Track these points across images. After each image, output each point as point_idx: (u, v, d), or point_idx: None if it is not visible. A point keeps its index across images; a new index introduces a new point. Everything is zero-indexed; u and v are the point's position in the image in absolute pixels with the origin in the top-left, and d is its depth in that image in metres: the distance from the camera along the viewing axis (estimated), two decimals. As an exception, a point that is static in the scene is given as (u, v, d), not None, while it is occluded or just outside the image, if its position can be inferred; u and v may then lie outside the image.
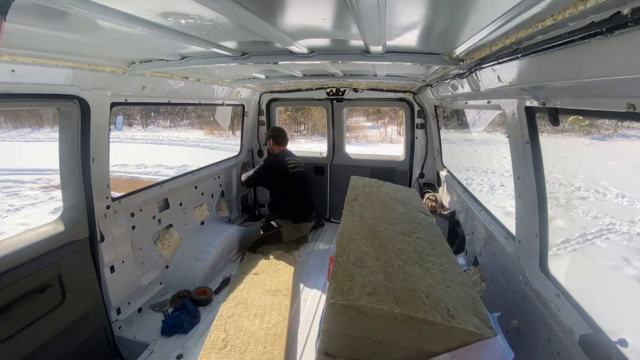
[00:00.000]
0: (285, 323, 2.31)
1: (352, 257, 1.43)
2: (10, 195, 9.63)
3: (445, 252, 1.62)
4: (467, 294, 1.28)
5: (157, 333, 2.30)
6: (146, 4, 1.01)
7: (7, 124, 22.09)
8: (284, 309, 2.46)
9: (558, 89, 1.19)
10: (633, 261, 5.58)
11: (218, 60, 1.82)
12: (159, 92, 2.52)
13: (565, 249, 5.99)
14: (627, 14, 0.65)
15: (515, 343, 1.36)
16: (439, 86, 2.66)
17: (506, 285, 1.81)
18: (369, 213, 1.94)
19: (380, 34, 1.29)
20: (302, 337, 2.32)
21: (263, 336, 2.17)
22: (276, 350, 2.06)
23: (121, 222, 2.38)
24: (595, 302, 4.18)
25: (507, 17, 0.94)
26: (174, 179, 3.15)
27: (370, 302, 1.13)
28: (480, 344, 1.07)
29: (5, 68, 1.44)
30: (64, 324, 1.93)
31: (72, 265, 1.99)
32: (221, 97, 3.49)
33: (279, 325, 2.28)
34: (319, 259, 3.41)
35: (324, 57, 1.76)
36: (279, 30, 1.30)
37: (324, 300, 1.85)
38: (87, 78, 1.85)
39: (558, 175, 9.71)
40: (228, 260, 3.33)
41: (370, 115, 22.49)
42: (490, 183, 10.02)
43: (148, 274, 2.66)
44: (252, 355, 2.02)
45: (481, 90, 1.75)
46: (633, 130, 13.02)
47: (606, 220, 6.99)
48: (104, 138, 2.12)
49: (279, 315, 2.38)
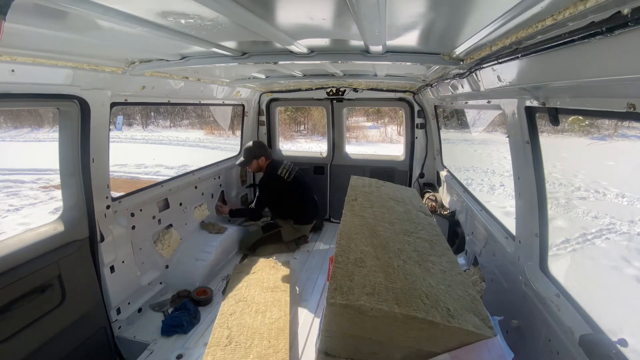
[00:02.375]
0: (286, 318, 2.34)
1: (352, 257, 1.43)
2: (10, 195, 9.63)
3: (445, 252, 1.62)
4: (467, 293, 1.28)
5: (157, 333, 2.30)
6: (146, 4, 1.01)
7: (7, 124, 22.09)
8: (284, 304, 2.49)
9: (558, 89, 1.19)
10: (633, 261, 5.59)
11: (218, 60, 1.82)
12: (159, 92, 2.52)
13: (565, 249, 5.99)
14: (627, 13, 0.65)
15: (515, 343, 1.36)
16: (439, 86, 2.66)
17: (506, 285, 1.81)
18: (369, 213, 1.94)
19: (380, 33, 1.29)
20: (303, 336, 2.32)
21: (266, 331, 2.19)
22: (281, 344, 2.09)
23: (121, 222, 2.37)
24: (595, 302, 4.17)
25: (507, 17, 0.94)
26: (174, 179, 3.15)
27: (370, 302, 1.13)
28: (480, 344, 1.07)
29: (5, 68, 1.44)
30: (64, 324, 1.93)
31: (72, 265, 1.99)
32: (221, 97, 3.48)
33: (280, 320, 2.30)
34: (319, 259, 3.41)
35: (324, 57, 1.76)
36: (278, 30, 1.30)
37: (324, 300, 1.85)
38: (87, 78, 1.85)
39: (558, 175, 9.71)
40: (228, 260, 3.33)
41: (370, 115, 22.49)
42: (490, 183, 10.02)
43: (148, 274, 2.66)
44: (257, 350, 2.04)
45: (481, 90, 1.75)
46: (633, 130, 13.02)
47: (606, 220, 6.99)
48: (104, 138, 2.12)
49: (280, 311, 2.40)
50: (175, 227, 3.06)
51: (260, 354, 2.00)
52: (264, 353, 2.01)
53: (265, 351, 2.03)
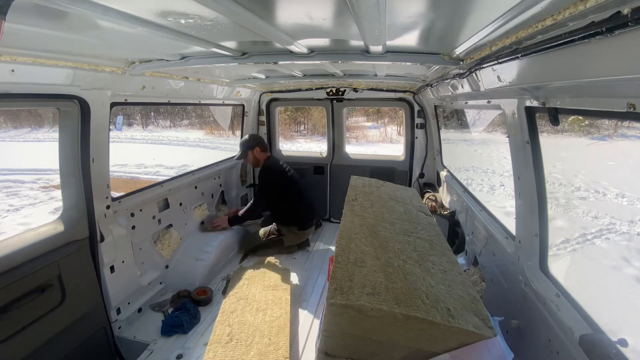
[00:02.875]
0: (287, 316, 2.35)
1: (352, 257, 1.43)
2: (10, 195, 9.64)
3: (445, 252, 1.62)
4: (467, 293, 1.28)
5: (157, 333, 2.30)
6: (146, 4, 1.01)
7: (6, 124, 22.10)
8: (285, 302, 2.50)
9: (558, 89, 1.19)
10: (633, 261, 5.59)
11: (218, 60, 1.82)
12: (159, 92, 2.52)
13: (565, 249, 6.00)
14: (627, 13, 0.65)
15: (515, 343, 1.36)
16: (439, 86, 2.66)
17: (506, 285, 1.81)
18: (369, 213, 1.94)
19: (380, 33, 1.29)
20: (303, 336, 2.32)
21: (267, 329, 2.20)
22: (281, 341, 2.10)
23: (121, 222, 2.37)
24: (595, 302, 4.18)
25: (507, 17, 0.94)
26: (174, 179, 3.15)
27: (370, 302, 1.13)
28: (480, 344, 1.07)
29: (5, 68, 1.43)
30: (64, 324, 1.93)
31: (72, 265, 1.99)
32: (221, 97, 3.48)
33: (281, 318, 2.32)
34: (319, 259, 3.41)
35: (323, 57, 1.76)
36: (278, 30, 1.30)
37: (324, 300, 1.85)
38: (87, 78, 1.85)
39: (558, 175, 9.72)
40: (228, 260, 3.33)
41: (370, 115, 22.50)
42: (490, 183, 10.02)
43: (148, 274, 2.66)
44: (258, 347, 2.05)
45: (481, 90, 1.75)
46: (633, 130, 13.03)
47: (606, 220, 6.99)
48: (104, 138, 2.12)
49: (281, 309, 2.42)
50: (175, 227, 3.06)
51: (260, 351, 2.01)
52: (265, 350, 2.02)
53: (266, 348, 2.04)
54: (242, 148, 3.54)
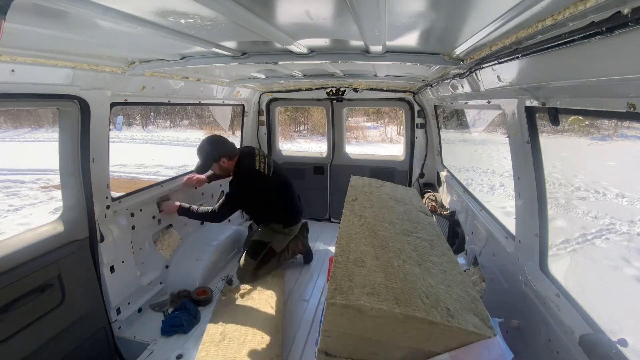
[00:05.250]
0: (280, 315, 2.40)
1: (352, 257, 1.43)
2: (10, 195, 9.64)
3: (445, 252, 1.62)
4: (467, 293, 1.28)
5: (157, 333, 2.30)
6: (146, 4, 1.00)
7: (6, 124, 22.09)
8: (278, 301, 2.56)
9: (558, 89, 1.19)
10: (633, 261, 5.58)
11: (218, 60, 1.82)
12: (159, 92, 2.52)
13: (565, 249, 5.99)
14: (627, 13, 0.65)
15: (515, 343, 1.36)
16: (439, 86, 2.66)
17: (506, 285, 1.81)
18: (369, 213, 1.94)
19: (380, 33, 1.29)
20: (303, 336, 2.32)
21: (260, 327, 2.23)
22: (274, 339, 2.13)
23: (121, 222, 2.37)
24: (595, 302, 4.18)
25: (507, 17, 0.94)
26: (174, 179, 3.15)
27: (370, 302, 1.13)
28: (480, 344, 1.07)
29: (5, 68, 1.43)
30: (64, 324, 1.93)
31: (72, 265, 1.99)
32: (221, 97, 3.48)
33: (274, 317, 2.36)
34: (319, 259, 3.41)
35: (323, 57, 1.76)
36: (278, 30, 1.30)
37: (324, 300, 1.85)
38: (87, 78, 1.84)
39: (558, 175, 9.71)
40: (228, 260, 3.33)
41: (370, 116, 22.48)
42: (490, 183, 10.02)
43: (148, 274, 2.66)
44: (250, 345, 2.08)
45: (481, 90, 1.75)
46: (633, 130, 13.01)
47: (606, 220, 6.98)
48: (104, 138, 2.12)
49: (274, 308, 2.46)
50: (175, 227, 3.06)
51: (253, 349, 2.04)
52: (258, 348, 2.05)
53: (259, 346, 2.07)
54: (203, 160, 2.79)
